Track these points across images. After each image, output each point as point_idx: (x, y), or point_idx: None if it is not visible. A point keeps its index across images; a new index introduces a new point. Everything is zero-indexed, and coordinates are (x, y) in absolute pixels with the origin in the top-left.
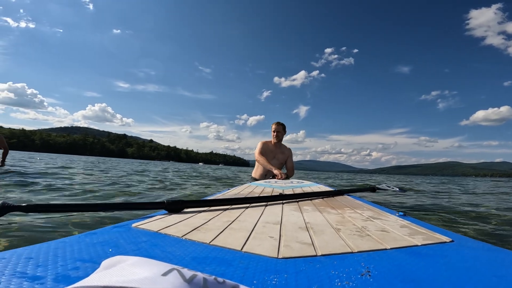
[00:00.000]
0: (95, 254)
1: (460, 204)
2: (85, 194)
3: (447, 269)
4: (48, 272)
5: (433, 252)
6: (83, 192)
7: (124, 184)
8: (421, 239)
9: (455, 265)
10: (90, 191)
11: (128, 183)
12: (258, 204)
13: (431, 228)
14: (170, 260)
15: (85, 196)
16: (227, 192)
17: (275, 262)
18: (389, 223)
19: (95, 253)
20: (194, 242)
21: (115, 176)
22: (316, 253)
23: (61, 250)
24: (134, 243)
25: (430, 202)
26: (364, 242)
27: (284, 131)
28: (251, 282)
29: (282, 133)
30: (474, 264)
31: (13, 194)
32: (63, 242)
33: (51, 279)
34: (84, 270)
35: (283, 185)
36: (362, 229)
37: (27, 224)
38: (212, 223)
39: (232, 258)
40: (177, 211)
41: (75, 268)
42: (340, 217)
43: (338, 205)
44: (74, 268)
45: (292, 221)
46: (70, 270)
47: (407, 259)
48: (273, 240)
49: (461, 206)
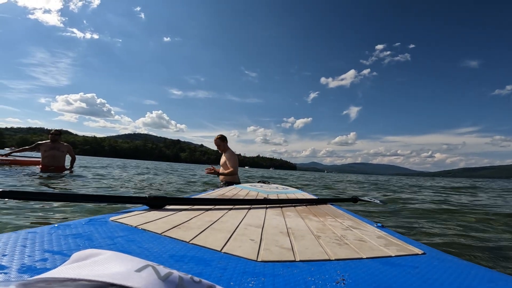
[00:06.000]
0: (66, 247)
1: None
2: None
3: (417, 279)
4: (13, 263)
5: (406, 262)
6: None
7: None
8: (395, 250)
9: (424, 276)
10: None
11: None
12: (242, 206)
13: (405, 240)
14: (146, 257)
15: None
16: (212, 192)
17: (254, 264)
18: (367, 233)
19: (66, 246)
20: (173, 240)
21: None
22: (294, 259)
23: (30, 240)
24: (110, 237)
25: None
26: (342, 250)
27: (220, 142)
28: (228, 283)
29: (220, 145)
30: (442, 276)
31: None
32: (33, 232)
33: (15, 269)
34: (52, 262)
35: (268, 190)
36: (341, 238)
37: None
38: (194, 222)
39: (211, 258)
40: (158, 207)
41: (43, 259)
42: (321, 224)
43: (320, 213)
44: (42, 259)
45: (274, 225)
46: (37, 261)
47: (380, 269)
48: (254, 243)
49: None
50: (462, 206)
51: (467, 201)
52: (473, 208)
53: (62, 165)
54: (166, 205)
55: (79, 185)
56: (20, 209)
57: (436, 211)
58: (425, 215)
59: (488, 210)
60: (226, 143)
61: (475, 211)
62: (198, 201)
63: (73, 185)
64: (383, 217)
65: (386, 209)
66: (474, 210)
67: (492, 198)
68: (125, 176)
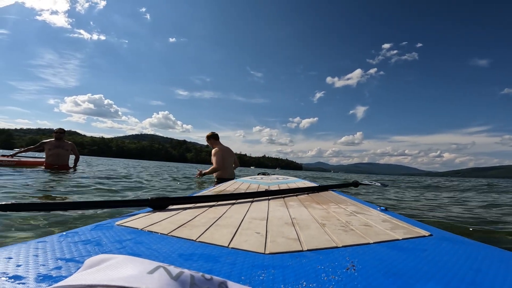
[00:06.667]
0: (78, 253)
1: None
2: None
3: (427, 263)
4: (29, 272)
5: (414, 246)
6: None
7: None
8: (402, 233)
9: (434, 259)
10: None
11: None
12: (244, 200)
13: (411, 222)
14: (156, 258)
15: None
16: (213, 188)
17: (262, 257)
18: (372, 217)
19: (77, 252)
20: (180, 239)
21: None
22: (302, 248)
23: (42, 250)
24: (118, 241)
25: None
26: (348, 237)
27: (207, 140)
28: (239, 278)
29: (208, 143)
30: (452, 258)
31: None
32: (43, 242)
33: (33, 279)
34: (67, 270)
35: (268, 181)
36: (346, 224)
37: (1, 224)
38: (198, 220)
39: (219, 254)
40: (162, 208)
41: (57, 267)
42: (325, 212)
43: (323, 200)
44: (56, 267)
45: (278, 217)
46: (52, 270)
47: (389, 253)
48: (260, 236)
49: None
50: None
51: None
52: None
53: (66, 163)
54: (169, 206)
55: (81, 187)
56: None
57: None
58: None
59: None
60: (214, 140)
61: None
62: (200, 198)
63: (76, 187)
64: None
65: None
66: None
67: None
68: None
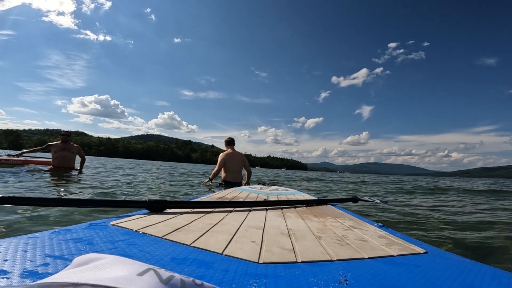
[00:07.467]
0: (67, 251)
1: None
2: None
3: (420, 278)
4: (15, 267)
5: (408, 262)
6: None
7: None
8: (397, 249)
9: (427, 275)
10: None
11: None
12: (242, 208)
13: (407, 239)
14: (147, 260)
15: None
16: (212, 195)
17: (256, 266)
18: (368, 233)
19: (68, 250)
20: (174, 243)
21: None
22: (296, 260)
23: (31, 245)
24: (111, 241)
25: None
26: (343, 251)
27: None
28: (230, 285)
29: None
30: (444, 274)
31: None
32: (34, 238)
33: (17, 274)
34: (54, 267)
35: (268, 192)
36: (342, 238)
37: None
38: (194, 225)
39: (212, 261)
40: (159, 211)
41: (44, 264)
42: (322, 225)
43: (321, 213)
44: (43, 264)
45: (275, 227)
46: (38, 266)
47: (382, 268)
48: (255, 245)
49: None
50: None
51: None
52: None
53: (72, 166)
54: (166, 209)
55: (84, 187)
56: (18, 214)
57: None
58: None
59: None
60: (226, 145)
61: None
62: (198, 204)
63: (77, 187)
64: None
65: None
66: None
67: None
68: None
